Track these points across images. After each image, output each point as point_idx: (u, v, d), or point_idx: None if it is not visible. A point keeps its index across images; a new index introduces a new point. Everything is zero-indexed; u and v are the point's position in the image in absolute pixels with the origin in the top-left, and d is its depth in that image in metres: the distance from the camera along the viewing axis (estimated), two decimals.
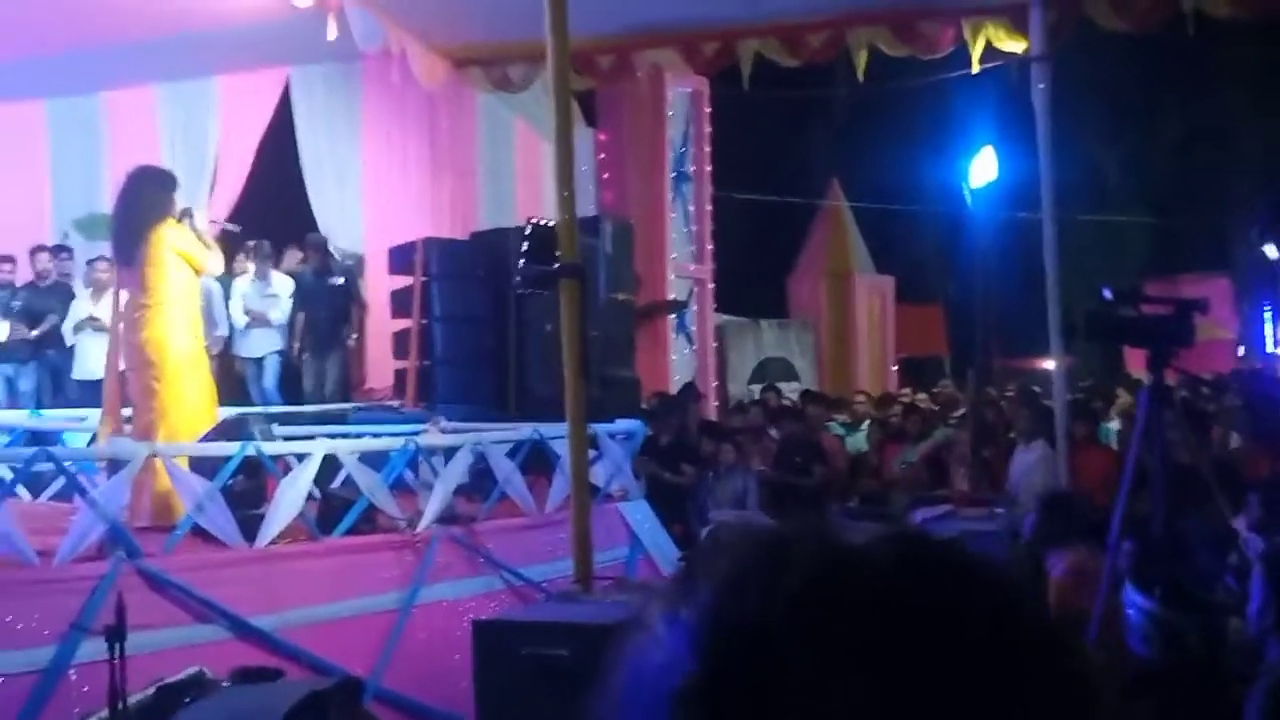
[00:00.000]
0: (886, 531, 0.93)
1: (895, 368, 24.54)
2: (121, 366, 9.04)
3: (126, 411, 9.09)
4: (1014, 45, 12.68)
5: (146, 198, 8.93)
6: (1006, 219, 15.98)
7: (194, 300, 9.18)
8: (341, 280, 14.54)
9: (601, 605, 6.51)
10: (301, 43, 13.21)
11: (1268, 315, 26.65)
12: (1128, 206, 29.07)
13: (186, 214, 9.21)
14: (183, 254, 8.87)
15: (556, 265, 7.48)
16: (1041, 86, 12.11)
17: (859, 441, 15.37)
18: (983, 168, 13.70)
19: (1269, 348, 26.36)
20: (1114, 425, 15.01)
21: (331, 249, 15.04)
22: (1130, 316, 7.37)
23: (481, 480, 9.54)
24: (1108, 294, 7.25)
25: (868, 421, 15.83)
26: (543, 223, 11.53)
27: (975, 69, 13.15)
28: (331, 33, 12.42)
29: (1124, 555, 6.65)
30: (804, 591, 0.84)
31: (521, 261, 11.59)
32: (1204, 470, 7.75)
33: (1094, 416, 13.71)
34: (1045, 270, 11.86)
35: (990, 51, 12.97)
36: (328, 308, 14.38)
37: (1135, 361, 19.13)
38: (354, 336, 14.67)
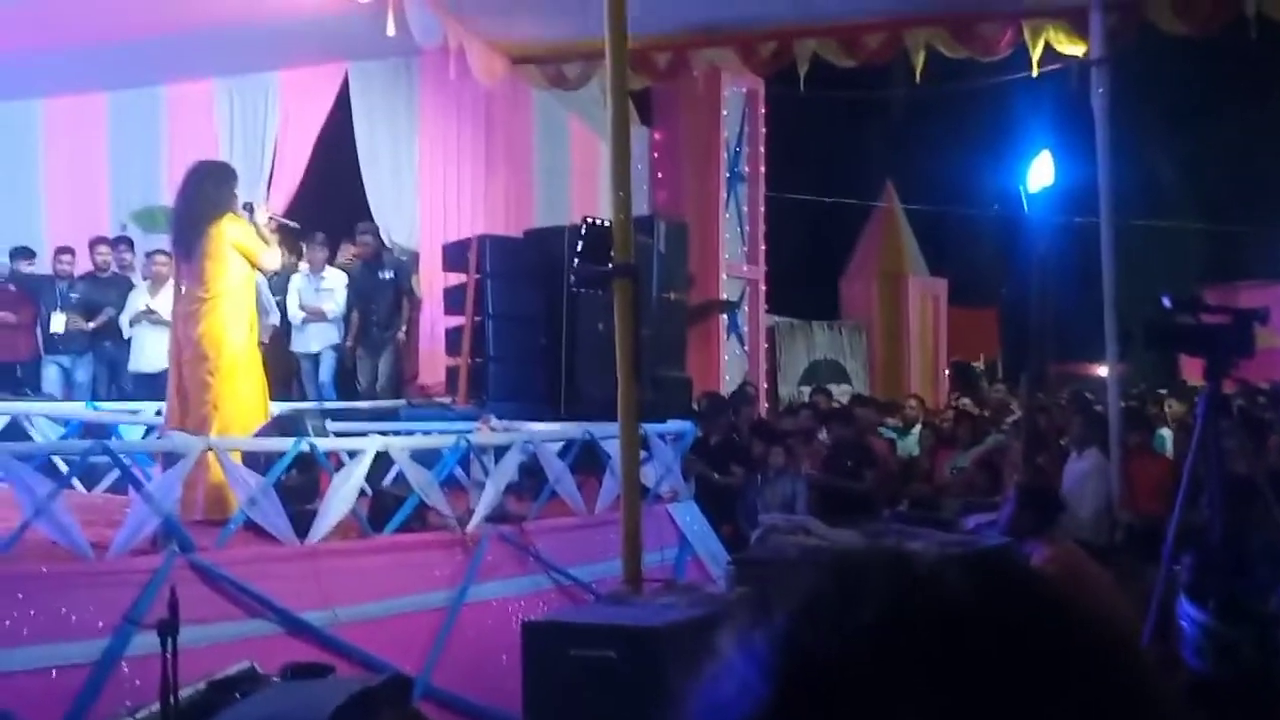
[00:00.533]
0: (958, 554, 0.92)
1: (947, 371, 24.39)
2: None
3: None
4: (1073, 48, 12.59)
5: (208, 192, 8.98)
6: (1063, 224, 15.84)
7: (250, 295, 9.23)
8: (391, 274, 14.59)
9: (651, 607, 6.49)
10: (360, 38, 13.28)
11: None
12: (1187, 212, 28.78)
13: (248, 209, 9.28)
14: (241, 248, 8.93)
15: (611, 265, 7.46)
16: (1101, 90, 12.00)
17: (910, 445, 15.29)
18: (1040, 171, 13.57)
19: None
20: (1165, 432, 14.84)
21: (385, 239, 15.10)
22: (1189, 325, 7.31)
23: (532, 479, 9.55)
24: (1167, 302, 7.19)
25: (919, 425, 15.75)
26: (597, 222, 11.53)
27: (1035, 72, 13.06)
28: (390, 29, 12.48)
29: (1184, 569, 6.58)
30: (878, 620, 0.84)
31: (576, 260, 11.60)
32: (1259, 480, 7.66)
33: (1148, 424, 13.58)
34: (1101, 276, 11.76)
35: (1049, 54, 12.87)
36: (380, 303, 14.42)
37: (1191, 369, 18.91)
38: (403, 329, 14.70)
